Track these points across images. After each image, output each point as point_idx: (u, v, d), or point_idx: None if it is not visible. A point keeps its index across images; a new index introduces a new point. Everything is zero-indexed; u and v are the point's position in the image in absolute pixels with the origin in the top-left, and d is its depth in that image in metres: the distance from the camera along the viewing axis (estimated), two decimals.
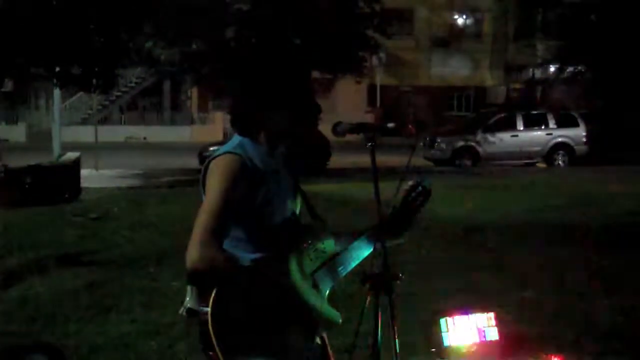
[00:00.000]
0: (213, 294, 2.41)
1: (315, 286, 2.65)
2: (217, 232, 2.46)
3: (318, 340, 2.69)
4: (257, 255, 2.59)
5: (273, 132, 2.64)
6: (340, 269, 2.74)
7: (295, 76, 2.68)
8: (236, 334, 2.42)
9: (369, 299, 2.65)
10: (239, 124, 2.67)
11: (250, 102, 2.63)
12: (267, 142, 2.65)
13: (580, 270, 7.57)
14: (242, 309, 2.43)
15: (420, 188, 2.83)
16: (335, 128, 2.75)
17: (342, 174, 18.52)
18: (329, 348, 2.76)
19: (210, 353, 2.42)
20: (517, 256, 8.29)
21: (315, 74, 23.88)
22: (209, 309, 2.40)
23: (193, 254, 2.42)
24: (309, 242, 2.67)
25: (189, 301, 2.64)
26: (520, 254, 8.42)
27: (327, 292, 2.71)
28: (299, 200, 2.77)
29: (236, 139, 2.66)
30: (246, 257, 2.58)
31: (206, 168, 2.60)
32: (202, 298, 2.45)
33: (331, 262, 2.71)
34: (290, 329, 2.51)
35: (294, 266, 2.59)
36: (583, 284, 7.08)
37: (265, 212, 2.60)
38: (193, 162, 20.70)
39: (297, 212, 2.76)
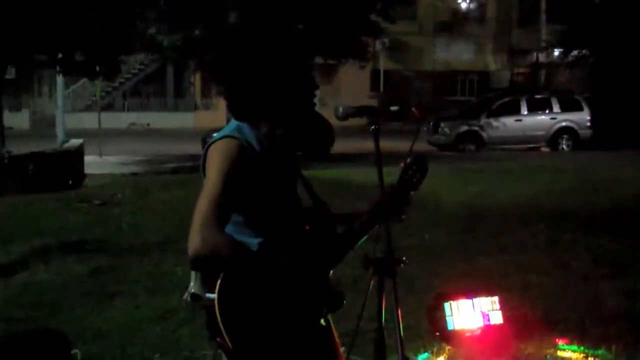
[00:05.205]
0: (219, 280, 2.39)
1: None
2: (219, 216, 2.40)
3: (323, 322, 2.68)
4: (260, 239, 2.56)
5: (269, 114, 2.59)
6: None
7: (290, 56, 2.62)
8: (244, 320, 2.40)
9: (372, 282, 2.63)
10: (235, 108, 2.63)
11: (243, 85, 2.58)
12: (265, 125, 2.61)
13: (585, 253, 7.57)
14: (249, 294, 2.41)
15: (417, 165, 2.79)
16: (338, 112, 2.72)
17: (345, 158, 18.49)
18: (334, 329, 2.75)
19: (218, 339, 2.41)
20: (521, 240, 8.29)
21: (319, 59, 23.79)
22: (215, 295, 2.38)
23: (195, 239, 2.35)
24: None
25: (193, 286, 2.62)
26: (524, 237, 8.42)
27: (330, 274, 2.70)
28: (299, 184, 2.74)
29: (233, 123, 2.62)
30: (249, 242, 2.54)
31: (205, 153, 2.56)
32: (208, 284, 2.43)
33: None
34: (297, 312, 2.50)
35: None
36: (588, 267, 7.08)
37: (266, 196, 2.56)
38: (196, 148, 20.62)
39: (298, 195, 2.73)
